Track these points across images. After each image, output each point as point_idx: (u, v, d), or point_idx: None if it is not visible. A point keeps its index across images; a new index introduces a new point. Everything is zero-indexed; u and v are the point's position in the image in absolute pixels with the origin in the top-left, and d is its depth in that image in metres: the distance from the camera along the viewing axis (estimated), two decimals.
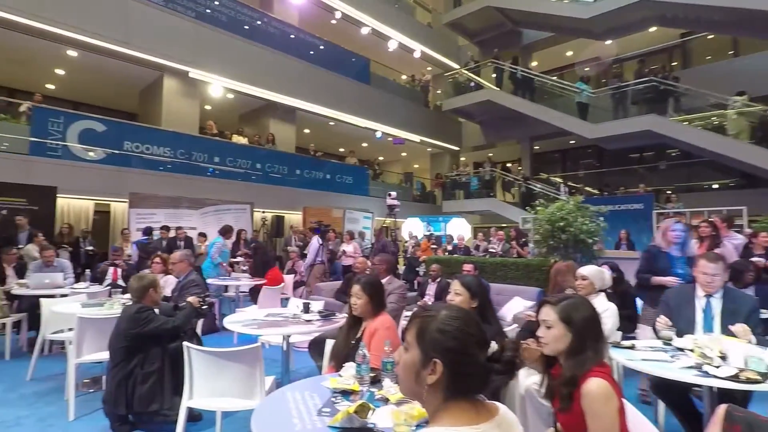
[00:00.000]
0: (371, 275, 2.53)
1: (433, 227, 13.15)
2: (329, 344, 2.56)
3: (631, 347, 2.35)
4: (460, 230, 11.76)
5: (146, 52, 9.21)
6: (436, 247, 10.10)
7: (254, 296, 6.37)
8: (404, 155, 18.52)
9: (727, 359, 1.95)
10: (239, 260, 8.17)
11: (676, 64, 13.40)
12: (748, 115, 9.50)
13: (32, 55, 9.04)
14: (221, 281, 6.51)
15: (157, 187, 8.93)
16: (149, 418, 2.89)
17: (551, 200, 6.02)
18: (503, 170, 14.78)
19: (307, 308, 3.45)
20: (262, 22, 11.47)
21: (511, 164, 16.96)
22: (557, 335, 1.52)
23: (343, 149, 16.17)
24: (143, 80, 10.39)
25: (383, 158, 19.00)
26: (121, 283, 5.60)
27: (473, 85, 14.47)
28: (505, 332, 2.35)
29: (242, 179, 10.51)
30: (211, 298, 5.75)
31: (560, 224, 5.12)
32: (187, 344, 2.45)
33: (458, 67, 15.71)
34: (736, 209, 7.37)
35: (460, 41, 17.17)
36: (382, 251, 8.45)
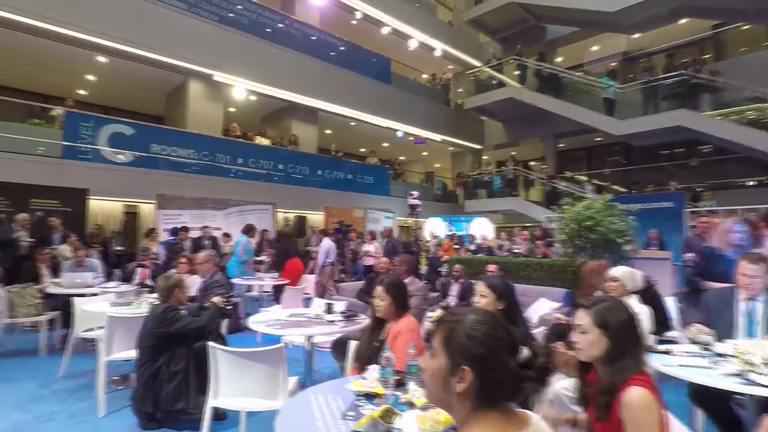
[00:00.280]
0: (394, 276, 2.49)
1: (455, 227, 13.03)
2: (352, 345, 2.54)
3: (666, 352, 2.25)
4: (482, 230, 11.61)
5: (172, 56, 9.41)
6: (458, 247, 10.00)
7: (277, 295, 6.44)
8: (425, 155, 18.41)
9: None
10: (263, 258, 8.26)
11: (708, 56, 12.89)
12: None
13: (64, 61, 9.35)
14: (245, 281, 6.59)
15: (182, 188, 9.12)
16: (175, 416, 2.93)
17: (577, 199, 5.86)
18: (526, 169, 14.51)
19: (329, 309, 3.44)
20: (283, 24, 11.58)
21: (534, 162, 16.67)
22: (592, 340, 1.44)
23: (364, 149, 16.19)
24: (169, 84, 10.62)
25: (404, 158, 18.94)
26: (149, 282, 5.72)
27: (495, 82, 14.27)
28: (532, 335, 2.29)
29: (265, 180, 10.63)
30: (234, 297, 5.83)
31: (588, 223, 4.96)
32: (211, 344, 2.47)
33: (480, 64, 15.51)
34: None
35: (481, 38, 16.95)
36: (392, 252, 8.42)
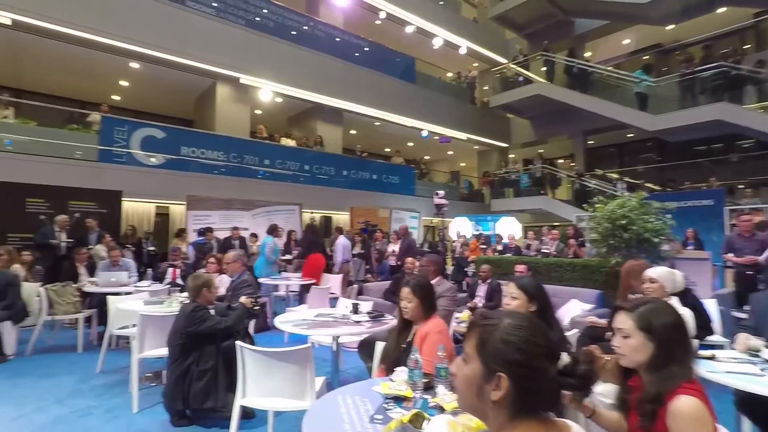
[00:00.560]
0: (421, 277, 2.45)
1: (481, 227, 12.85)
2: (379, 346, 2.51)
3: (711, 357, 2.13)
4: (510, 229, 11.40)
5: (200, 60, 9.62)
6: (485, 247, 9.84)
7: (303, 294, 6.51)
8: (451, 154, 18.25)
9: None
10: (290, 258, 8.36)
11: (748, 46, 12.27)
12: None
13: (100, 68, 9.69)
14: (272, 280, 6.67)
15: (211, 189, 9.31)
16: (205, 414, 2.98)
17: (609, 197, 5.66)
18: (555, 167, 14.18)
19: (356, 309, 3.42)
20: (308, 26, 11.68)
21: (563, 160, 16.29)
22: (636, 345, 1.36)
23: (389, 149, 16.18)
24: (198, 88, 10.87)
25: (429, 157, 18.84)
26: (179, 282, 5.87)
27: (522, 79, 14.00)
28: (567, 338, 2.20)
29: (291, 181, 10.74)
30: (262, 297, 5.90)
31: (622, 222, 4.78)
32: (239, 343, 2.48)
33: (506, 61, 15.26)
34: None
35: (507, 35, 16.68)
36: (407, 251, 8.35)
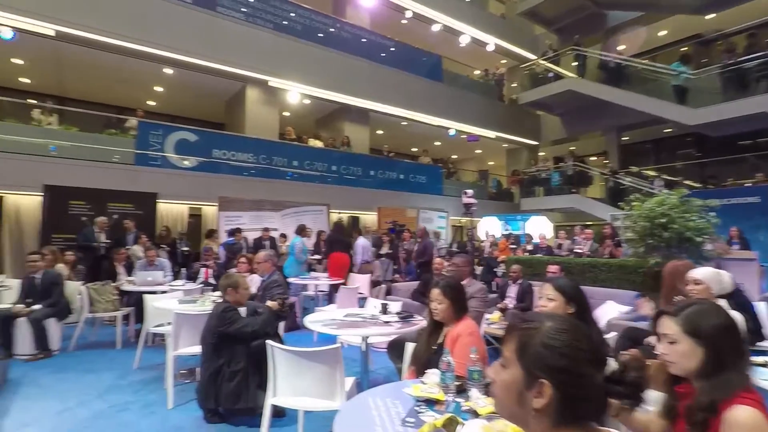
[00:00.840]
0: (451, 278, 2.41)
1: (511, 226, 12.61)
2: (409, 347, 2.48)
3: (764, 364, 1.99)
4: (540, 229, 11.13)
5: (230, 64, 9.83)
6: (515, 246, 9.65)
7: (332, 293, 6.55)
8: (479, 152, 18.00)
9: None
10: (318, 257, 8.43)
11: None
12: None
13: (136, 75, 10.06)
14: (301, 280, 6.74)
15: (242, 191, 9.51)
16: (237, 411, 3.02)
17: (646, 195, 5.44)
18: (587, 164, 13.77)
19: (385, 309, 3.40)
20: (334, 28, 11.76)
21: (595, 157, 15.81)
22: (684, 351, 1.27)
23: (416, 149, 16.11)
24: (228, 91, 11.12)
25: (457, 156, 18.65)
26: (212, 281, 6.01)
27: (552, 75, 13.65)
28: (607, 341, 2.11)
29: (319, 181, 10.84)
30: (291, 296, 5.97)
31: (661, 221, 4.57)
32: (270, 343, 2.50)
33: (535, 57, 14.91)
34: None
35: (536, 30, 16.32)
36: (423, 253, 8.27)
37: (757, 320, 3.27)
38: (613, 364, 0.81)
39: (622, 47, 13.69)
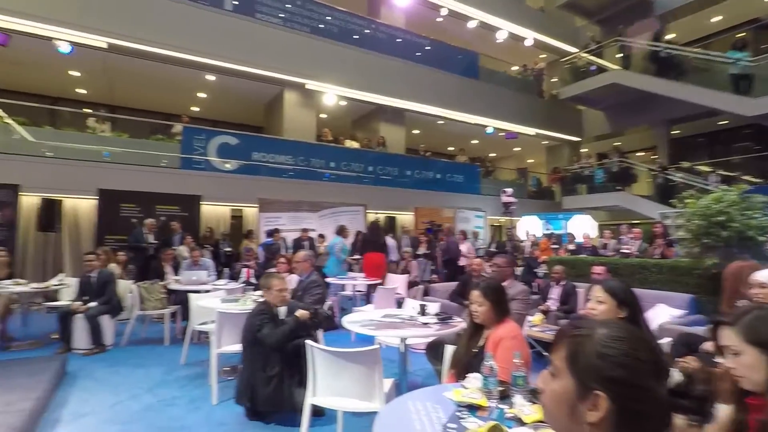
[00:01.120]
0: (492, 279, 2.34)
1: (552, 225, 12.21)
2: (448, 350, 2.43)
3: None
4: (584, 228, 10.71)
5: (269, 69, 10.07)
6: (556, 246, 9.34)
7: (369, 293, 6.57)
8: (517, 150, 17.57)
9: None
10: (357, 257, 8.48)
11: None
12: None
13: (180, 82, 10.49)
14: (339, 280, 6.80)
15: (281, 192, 9.71)
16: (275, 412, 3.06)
17: (701, 191, 5.10)
18: (633, 160, 13.13)
19: (423, 310, 3.36)
20: (369, 29, 11.81)
21: (643, 153, 15.07)
22: (750, 363, 1.16)
23: (452, 148, 15.91)
24: (267, 95, 11.39)
25: (495, 154, 18.29)
26: (253, 281, 6.15)
27: (594, 68, 13.13)
28: (662, 348, 1.98)
29: (356, 182, 10.91)
30: (330, 296, 6.02)
31: (719, 219, 4.27)
32: (309, 343, 2.51)
33: (576, 50, 14.38)
34: None
35: (577, 22, 15.74)
36: (447, 250, 8.17)
37: None
38: (677, 375, 0.74)
39: (671, 36, 12.97)
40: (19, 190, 7.44)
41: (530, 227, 11.89)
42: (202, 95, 11.59)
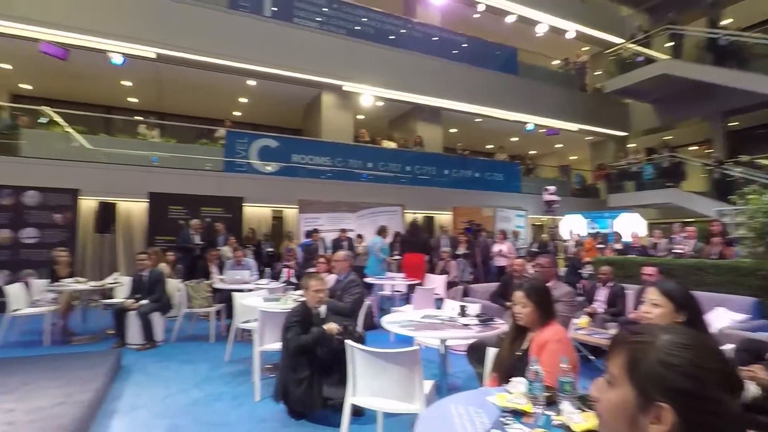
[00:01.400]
0: (536, 279, 2.26)
1: (597, 224, 11.73)
2: (490, 353, 2.37)
3: None
4: (632, 226, 10.20)
5: (307, 72, 10.25)
6: (602, 246, 8.95)
7: (409, 293, 6.54)
8: (559, 147, 17.00)
9: None
10: (397, 257, 8.49)
11: None
12: None
13: (223, 88, 10.86)
14: (378, 280, 6.82)
15: (319, 193, 9.87)
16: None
17: (763, 187, 4.74)
18: (685, 155, 12.39)
19: (463, 311, 3.30)
20: (405, 28, 11.77)
21: (696, 147, 14.20)
22: None
23: (491, 145, 15.62)
24: (305, 98, 11.60)
25: (536, 152, 17.80)
26: (293, 280, 6.27)
27: (641, 59, 12.49)
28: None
29: (393, 182, 10.92)
30: (370, 295, 6.04)
31: None
32: (350, 342, 2.52)
33: (621, 41, 13.73)
34: None
35: (622, 11, 15.05)
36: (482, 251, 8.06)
37: None
38: (753, 388, 0.67)
39: (727, 21, 12.15)
40: (78, 194, 7.95)
41: (574, 226, 11.47)
42: (243, 100, 11.95)
